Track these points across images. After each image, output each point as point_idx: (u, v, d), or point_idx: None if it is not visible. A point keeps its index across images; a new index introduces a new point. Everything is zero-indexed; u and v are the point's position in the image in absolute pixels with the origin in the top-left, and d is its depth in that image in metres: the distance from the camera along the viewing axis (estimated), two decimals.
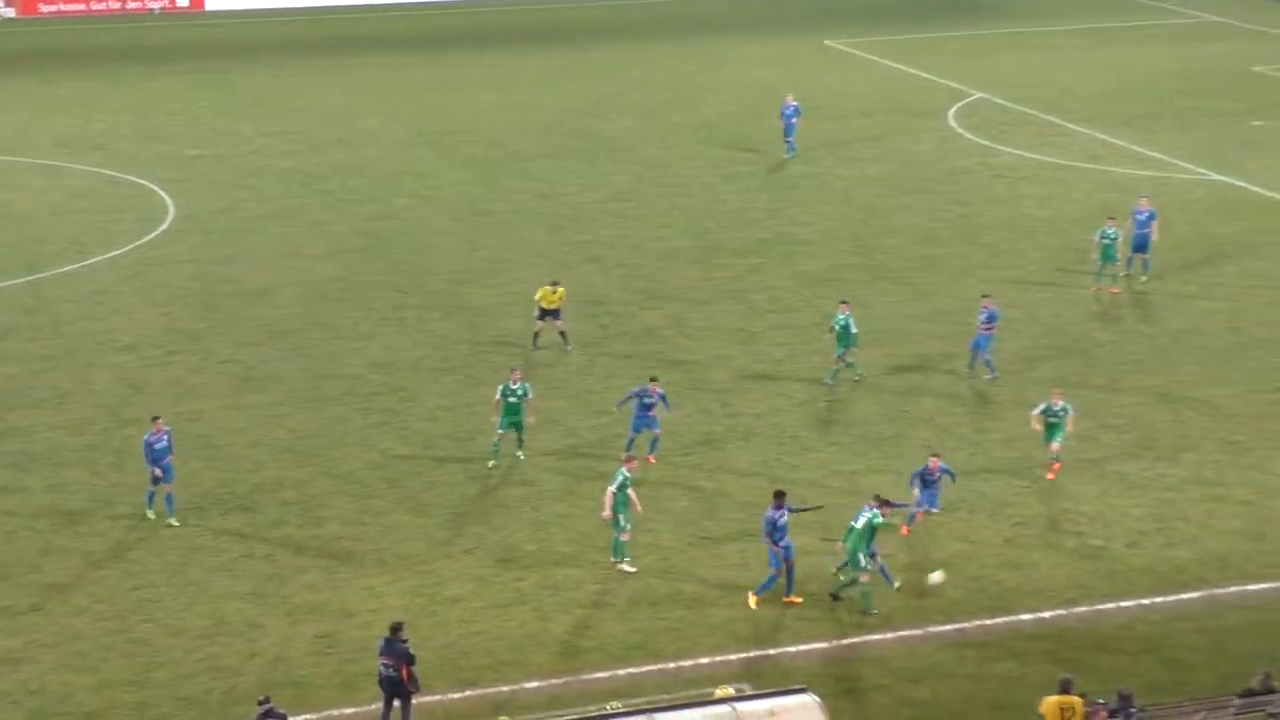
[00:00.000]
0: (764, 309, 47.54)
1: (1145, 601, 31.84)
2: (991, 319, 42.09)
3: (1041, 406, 37.12)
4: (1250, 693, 26.44)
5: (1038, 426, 37.12)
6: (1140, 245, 48.68)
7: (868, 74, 78.65)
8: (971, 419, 40.03)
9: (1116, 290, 48.34)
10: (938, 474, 34.51)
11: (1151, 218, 48.75)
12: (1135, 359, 43.62)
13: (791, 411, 40.57)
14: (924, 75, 77.49)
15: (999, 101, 72.34)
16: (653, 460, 37.36)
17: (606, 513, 32.90)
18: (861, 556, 31.29)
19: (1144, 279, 48.96)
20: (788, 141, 63.03)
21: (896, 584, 31.85)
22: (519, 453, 37.67)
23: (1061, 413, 36.79)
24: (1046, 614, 31.47)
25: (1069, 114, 69.85)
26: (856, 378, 41.92)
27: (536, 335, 44.31)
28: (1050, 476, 36.55)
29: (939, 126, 68.26)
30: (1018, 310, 46.69)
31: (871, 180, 60.51)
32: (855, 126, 67.72)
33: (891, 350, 44.16)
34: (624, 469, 33.24)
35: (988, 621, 31.22)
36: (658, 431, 37.80)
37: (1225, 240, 52.99)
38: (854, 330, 41.59)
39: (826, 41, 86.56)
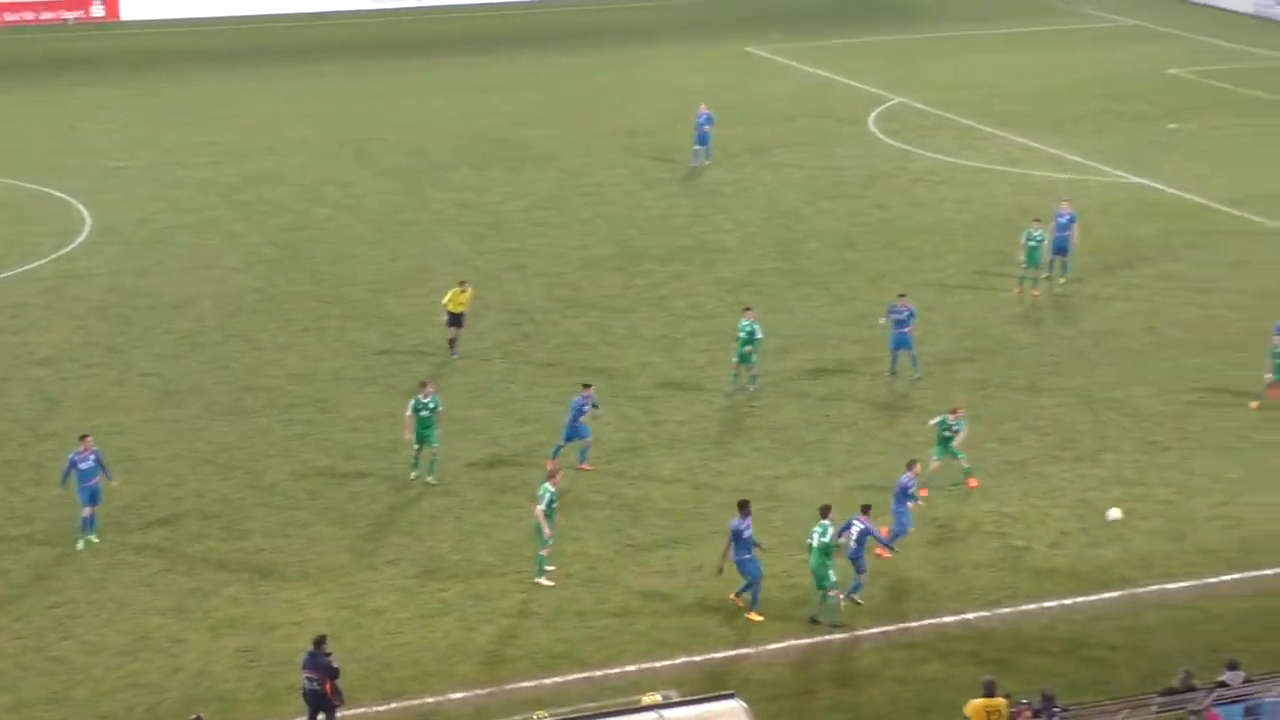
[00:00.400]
0: (686, 315, 47.57)
1: (1068, 601, 32.08)
2: (910, 317, 42.27)
3: (938, 419, 37.21)
4: (1171, 691, 26.65)
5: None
6: (1060, 248, 49.01)
7: (789, 79, 78.86)
8: (893, 422, 40.19)
9: (1037, 293, 48.64)
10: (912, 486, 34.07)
11: (1072, 221, 49.11)
12: (1055, 361, 43.91)
13: (714, 418, 40.61)
14: (845, 80, 77.76)
15: (919, 106, 72.69)
16: (586, 468, 37.31)
17: (548, 532, 32.64)
18: (832, 573, 31.14)
19: (1063, 281, 49.28)
20: (699, 149, 62.94)
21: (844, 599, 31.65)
22: (429, 477, 37.18)
23: (956, 428, 36.83)
24: (971, 615, 31.64)
25: (988, 118, 70.25)
26: (752, 387, 41.88)
27: (452, 342, 44.24)
28: (972, 484, 36.71)
29: (860, 131, 68.52)
30: (938, 313, 46.93)
31: (793, 185, 60.68)
32: (777, 132, 67.88)
33: (813, 355, 44.29)
34: (549, 485, 32.99)
35: (913, 624, 31.37)
36: (588, 440, 37.74)
37: (1143, 242, 53.42)
38: (759, 337, 41.63)
39: (748, 48, 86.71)
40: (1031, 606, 31.86)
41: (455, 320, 44.14)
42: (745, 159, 64.08)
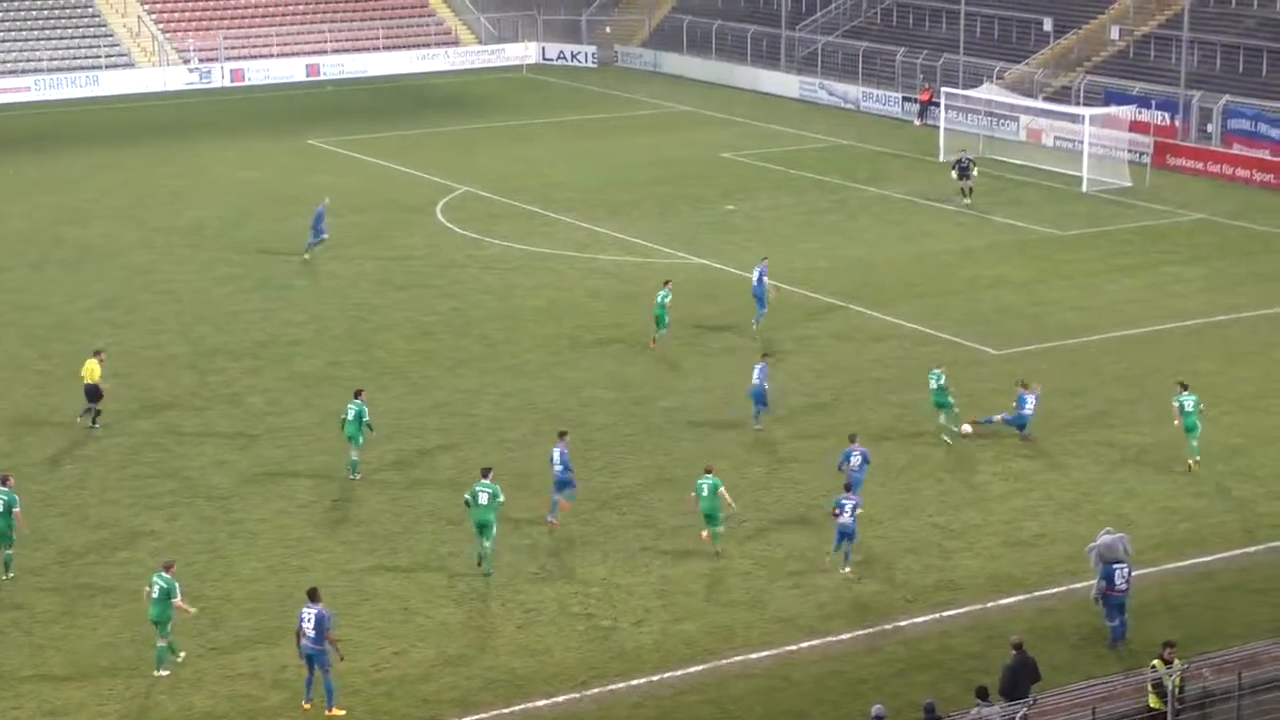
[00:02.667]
0: (263, 411, 46.92)
1: (655, 678, 32.56)
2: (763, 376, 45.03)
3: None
4: None
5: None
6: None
7: (355, 172, 78.81)
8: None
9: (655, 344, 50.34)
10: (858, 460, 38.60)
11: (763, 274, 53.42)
12: (632, 439, 44.71)
13: (295, 513, 40.10)
14: (410, 171, 78.11)
15: (485, 195, 73.47)
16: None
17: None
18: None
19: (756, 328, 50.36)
20: (313, 243, 62.34)
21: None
22: (5, 575, 36.02)
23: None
24: (561, 698, 31.84)
25: (553, 204, 71.44)
26: (356, 476, 41.73)
27: (91, 414, 45.10)
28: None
29: (428, 221, 68.88)
30: (514, 399, 47.41)
31: (365, 277, 60.55)
32: (346, 224, 67.67)
33: (395, 446, 44.16)
34: (164, 574, 32.58)
35: (503, 710, 31.38)
36: None
37: (708, 320, 54.88)
38: (366, 419, 41.50)
39: (310, 141, 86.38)
40: (620, 685, 32.24)
41: (92, 393, 44.79)
42: (316, 251, 63.68)
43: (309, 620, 31.08)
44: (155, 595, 32.53)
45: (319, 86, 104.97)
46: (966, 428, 44.08)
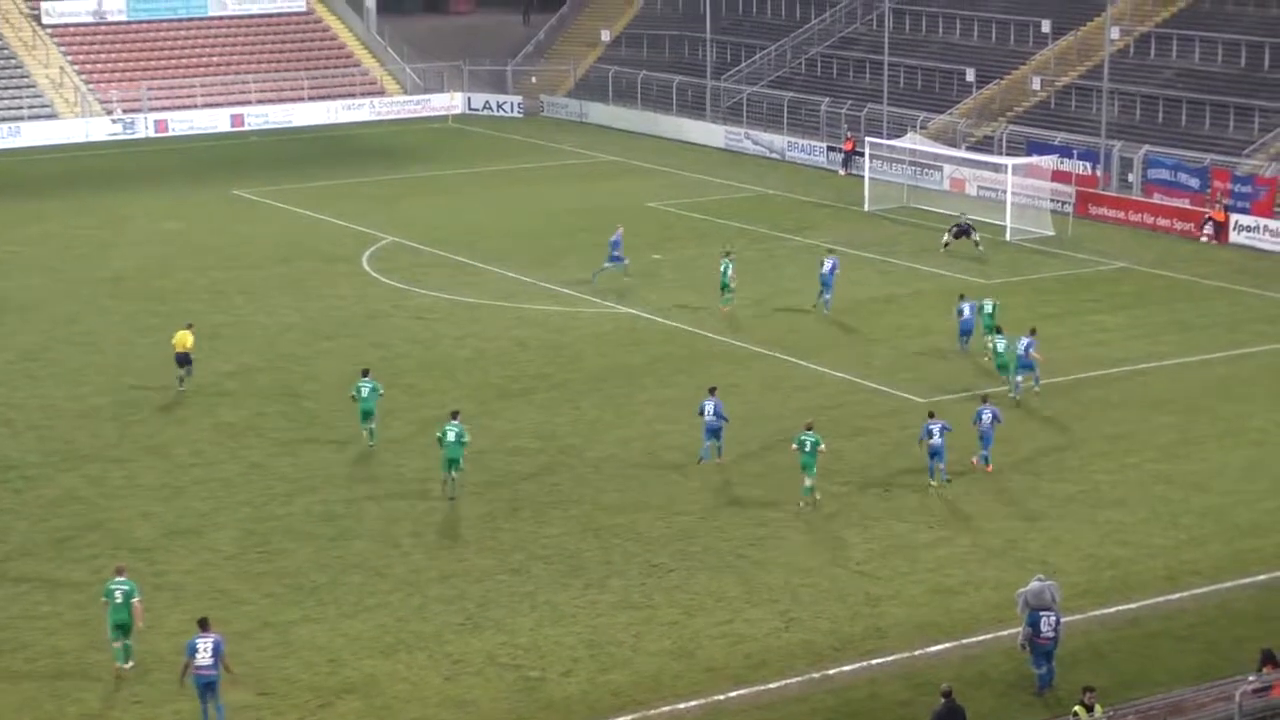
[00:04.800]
0: (187, 463, 46.58)
1: None
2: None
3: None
4: None
5: None
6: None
7: (280, 222, 78.55)
8: (405, 558, 40.05)
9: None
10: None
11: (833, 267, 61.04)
12: (559, 489, 44.64)
13: (221, 565, 39.78)
14: (335, 221, 77.92)
15: (411, 244, 73.36)
16: None
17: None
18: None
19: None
20: (606, 268, 64.87)
21: None
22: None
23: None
24: None
25: (479, 254, 71.40)
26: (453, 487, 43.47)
27: (181, 379, 52.15)
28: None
29: (354, 271, 68.70)
30: (439, 450, 47.20)
31: (292, 327, 60.31)
32: (271, 274, 67.43)
33: (321, 497, 43.94)
34: (119, 578, 34.27)
35: None
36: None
37: (636, 370, 54.92)
38: (465, 439, 43.77)
39: (235, 191, 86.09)
40: None
41: (183, 359, 52.32)
42: (240, 301, 63.44)
43: (205, 649, 31.75)
44: (119, 600, 33.80)
45: (243, 137, 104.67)
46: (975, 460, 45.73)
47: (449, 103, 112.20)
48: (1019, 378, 51.10)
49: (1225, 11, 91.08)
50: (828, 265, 61.47)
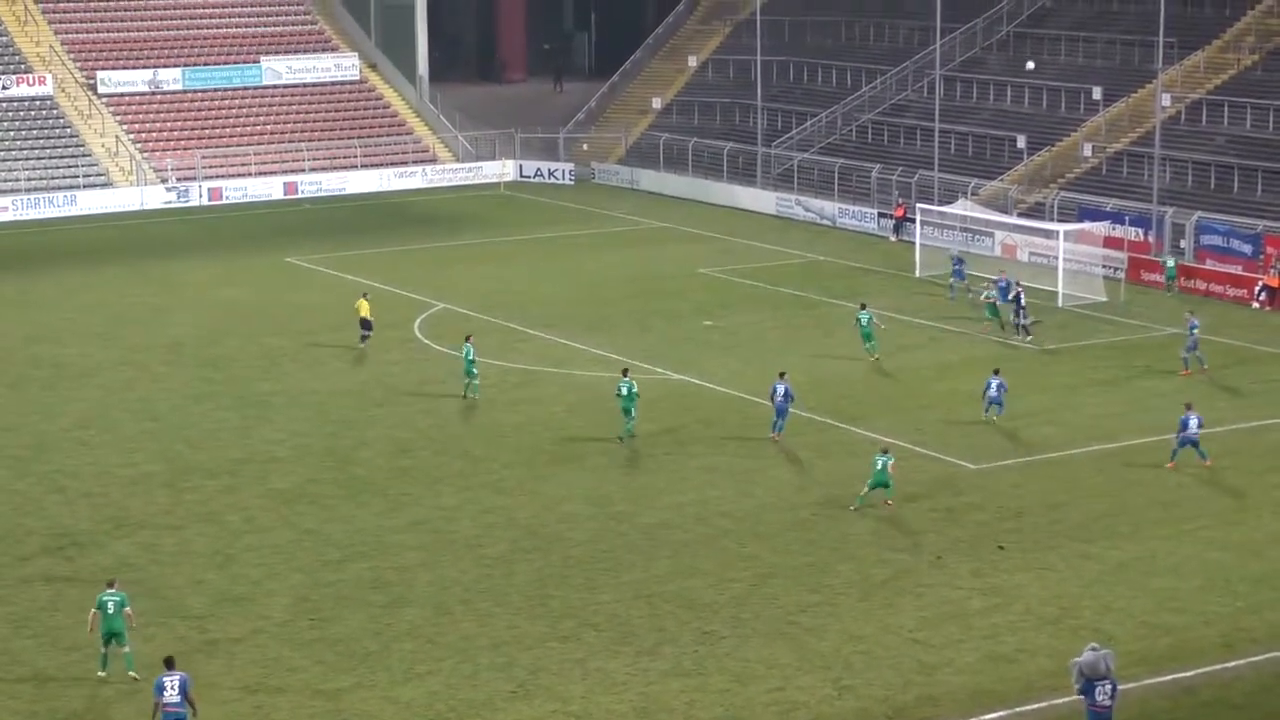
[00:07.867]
0: (240, 530, 46.72)
1: None
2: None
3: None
4: None
5: None
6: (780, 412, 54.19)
7: (331, 289, 78.92)
8: (455, 625, 40.00)
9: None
10: None
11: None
12: (610, 555, 44.57)
13: (273, 632, 39.82)
14: (387, 288, 78.25)
15: (462, 311, 73.62)
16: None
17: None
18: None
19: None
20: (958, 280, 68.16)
21: None
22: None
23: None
24: None
25: (530, 320, 71.62)
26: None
27: (364, 338, 65.00)
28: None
29: (406, 337, 68.97)
30: (493, 515, 47.31)
31: (344, 393, 60.53)
32: (325, 341, 67.77)
33: (372, 564, 43.97)
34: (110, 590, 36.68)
35: None
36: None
37: (688, 436, 54.89)
38: (635, 392, 49.21)
39: (288, 258, 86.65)
40: None
41: (366, 324, 65.13)
42: (291, 369, 63.75)
43: (172, 686, 33.16)
44: (111, 610, 35.87)
45: (297, 204, 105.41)
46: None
47: (501, 170, 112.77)
48: (988, 413, 55.58)
49: (1276, 79, 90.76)
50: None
